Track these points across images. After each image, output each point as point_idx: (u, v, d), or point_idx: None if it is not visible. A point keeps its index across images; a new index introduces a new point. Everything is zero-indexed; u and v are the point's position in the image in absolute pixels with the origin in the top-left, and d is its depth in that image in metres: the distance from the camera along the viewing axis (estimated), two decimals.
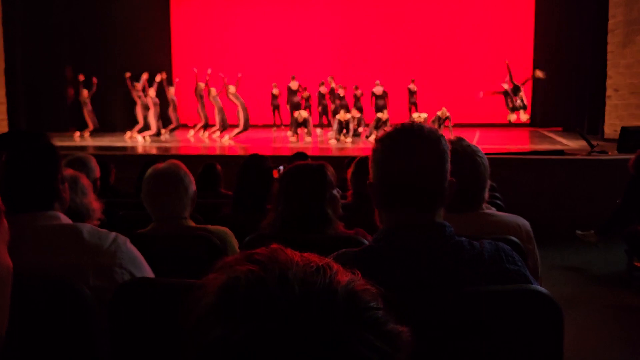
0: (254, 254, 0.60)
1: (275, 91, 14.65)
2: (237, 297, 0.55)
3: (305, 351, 0.51)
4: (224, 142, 11.74)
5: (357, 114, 12.40)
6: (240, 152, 9.83)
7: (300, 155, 5.27)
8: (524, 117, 11.60)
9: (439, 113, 11.46)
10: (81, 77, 13.13)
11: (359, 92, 13.53)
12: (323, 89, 13.83)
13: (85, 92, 13.14)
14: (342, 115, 11.89)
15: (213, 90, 12.27)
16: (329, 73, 14.57)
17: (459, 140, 2.16)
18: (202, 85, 12.54)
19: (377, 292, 0.58)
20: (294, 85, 12.65)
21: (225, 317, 0.54)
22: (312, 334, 0.52)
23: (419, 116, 11.56)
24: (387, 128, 1.40)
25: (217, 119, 12.17)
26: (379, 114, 11.94)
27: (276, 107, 14.73)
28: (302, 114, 12.07)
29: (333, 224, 2.18)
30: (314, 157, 5.38)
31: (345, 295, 0.55)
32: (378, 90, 12.95)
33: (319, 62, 16.68)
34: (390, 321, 0.57)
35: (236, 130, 12.14)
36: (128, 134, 12.81)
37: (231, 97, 12.00)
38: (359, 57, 16.84)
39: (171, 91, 13.07)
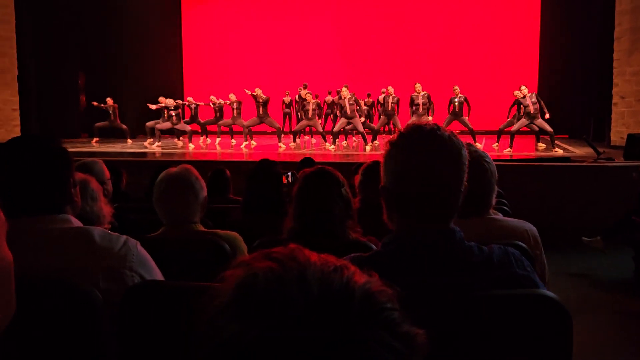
0: (272, 252, 0.59)
1: (287, 99, 14.58)
2: (255, 295, 0.54)
3: (321, 350, 0.51)
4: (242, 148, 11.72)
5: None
6: (249, 158, 9.84)
7: (308, 161, 5.28)
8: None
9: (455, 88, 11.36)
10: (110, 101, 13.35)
11: (369, 100, 13.48)
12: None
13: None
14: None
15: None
16: (338, 81, 14.51)
17: (467, 146, 2.16)
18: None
19: (393, 294, 0.58)
20: (307, 96, 12.30)
21: (241, 314, 0.54)
22: (328, 333, 0.52)
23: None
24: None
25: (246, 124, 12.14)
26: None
27: (287, 115, 14.69)
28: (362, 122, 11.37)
29: (349, 227, 2.19)
30: (320, 164, 5.38)
31: (362, 295, 0.55)
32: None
33: (329, 71, 16.72)
34: (406, 322, 0.57)
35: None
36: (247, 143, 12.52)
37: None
38: (366, 64, 16.87)
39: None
